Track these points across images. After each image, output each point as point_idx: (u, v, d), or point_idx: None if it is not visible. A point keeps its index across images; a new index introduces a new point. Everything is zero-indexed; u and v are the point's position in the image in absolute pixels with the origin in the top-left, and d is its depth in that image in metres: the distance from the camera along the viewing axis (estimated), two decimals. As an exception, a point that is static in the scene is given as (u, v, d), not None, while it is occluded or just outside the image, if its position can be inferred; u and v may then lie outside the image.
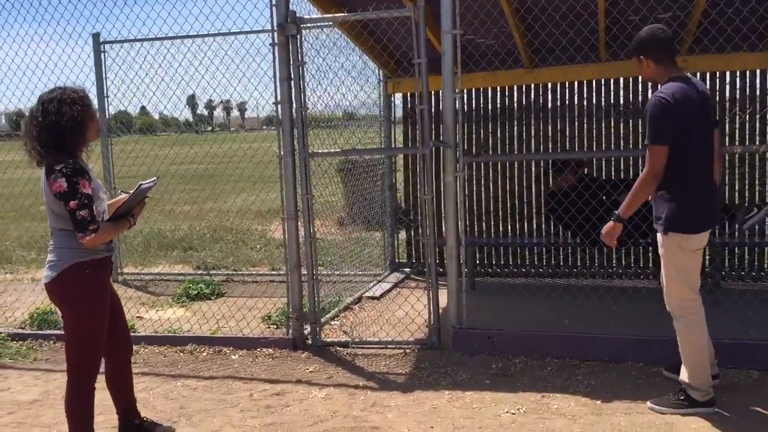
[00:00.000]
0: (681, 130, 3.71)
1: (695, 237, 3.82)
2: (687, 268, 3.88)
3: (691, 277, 3.90)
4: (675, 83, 3.76)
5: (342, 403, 4.29)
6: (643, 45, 3.85)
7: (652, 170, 3.74)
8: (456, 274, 5.09)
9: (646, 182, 3.77)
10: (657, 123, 3.70)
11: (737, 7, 5.06)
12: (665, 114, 3.68)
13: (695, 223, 3.81)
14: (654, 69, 3.85)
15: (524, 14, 5.81)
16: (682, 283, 3.89)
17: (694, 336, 3.90)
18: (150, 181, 3.59)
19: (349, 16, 5.48)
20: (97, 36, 7.74)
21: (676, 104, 3.68)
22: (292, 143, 5.22)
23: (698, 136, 3.77)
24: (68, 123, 3.33)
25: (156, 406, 4.34)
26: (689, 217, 3.79)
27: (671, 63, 3.86)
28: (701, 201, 3.83)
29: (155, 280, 8.03)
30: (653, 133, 3.72)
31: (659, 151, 3.71)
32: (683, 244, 3.82)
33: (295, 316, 5.32)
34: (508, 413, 4.03)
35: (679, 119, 3.69)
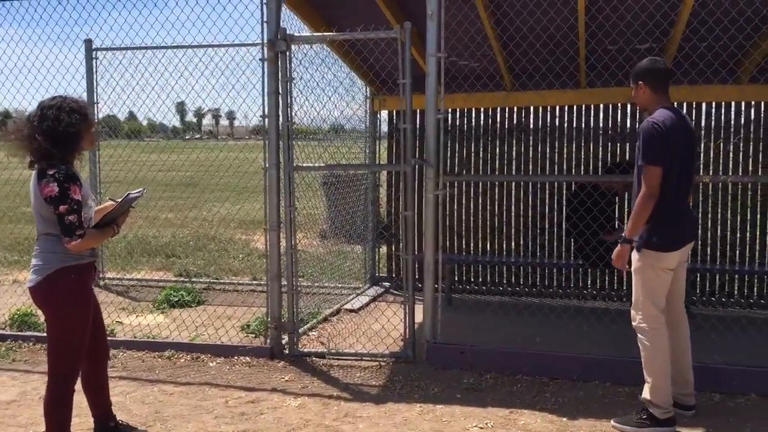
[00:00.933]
0: (670, 156, 3.94)
1: (667, 256, 4.03)
2: (655, 286, 4.07)
3: (657, 295, 4.08)
4: (666, 111, 4.01)
5: (315, 412, 4.38)
6: (642, 73, 4.11)
7: (649, 190, 3.94)
8: (432, 289, 5.21)
9: (645, 202, 3.96)
10: (651, 145, 3.93)
11: (710, 42, 5.26)
12: (657, 138, 3.91)
13: (668, 243, 4.02)
14: (649, 96, 4.11)
15: (506, 40, 5.98)
16: (648, 300, 4.07)
17: (654, 351, 4.06)
18: (138, 192, 3.70)
19: (338, 36, 5.62)
20: (90, 42, 7.82)
21: (667, 131, 3.92)
22: (277, 156, 5.34)
23: (680, 164, 4.00)
24: (65, 130, 3.42)
25: (132, 410, 4.41)
26: (663, 237, 3.99)
27: (664, 93, 4.12)
28: (676, 223, 4.03)
29: (137, 286, 8.09)
30: (648, 155, 3.94)
31: (655, 172, 3.93)
32: (655, 262, 4.02)
33: (274, 325, 5.42)
34: (476, 427, 4.14)
35: (667, 145, 3.92)
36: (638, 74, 4.13)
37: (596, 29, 5.56)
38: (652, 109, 4.09)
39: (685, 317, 4.31)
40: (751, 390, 4.56)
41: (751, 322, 5.53)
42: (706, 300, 6.92)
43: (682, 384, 4.26)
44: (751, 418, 4.22)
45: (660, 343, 4.06)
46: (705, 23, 5.12)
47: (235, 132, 40.74)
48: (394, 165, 7.46)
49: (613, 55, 5.64)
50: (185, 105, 16.45)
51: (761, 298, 6.84)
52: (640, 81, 4.12)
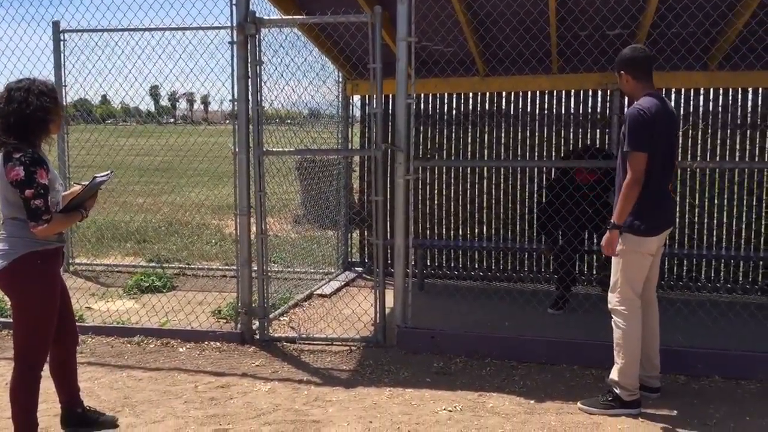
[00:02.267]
0: (655, 142, 4.00)
1: (649, 240, 4.10)
2: (635, 271, 4.14)
3: (636, 279, 4.16)
4: (651, 98, 4.06)
5: (285, 396, 4.39)
6: (623, 63, 4.15)
7: (635, 175, 3.99)
8: (403, 274, 5.23)
9: (631, 187, 4.01)
10: (636, 132, 3.98)
11: (677, 29, 5.32)
12: (644, 124, 3.97)
13: (651, 228, 4.09)
14: (633, 84, 4.15)
15: (477, 25, 5.99)
16: (627, 284, 4.14)
17: (628, 334, 4.13)
18: (104, 174, 3.65)
19: (308, 19, 5.58)
20: (57, 24, 7.68)
21: (652, 117, 3.98)
22: (247, 140, 5.31)
23: (663, 150, 4.07)
24: (33, 113, 3.38)
25: (100, 395, 4.38)
26: (647, 221, 4.06)
27: (648, 80, 4.16)
28: (658, 208, 4.11)
29: (107, 271, 8.02)
30: (634, 141, 3.99)
31: (640, 158, 3.98)
32: (637, 246, 4.09)
33: (244, 310, 5.41)
34: (445, 410, 4.18)
35: (652, 131, 3.98)
36: (619, 64, 4.17)
37: (566, 15, 5.59)
38: (638, 96, 4.15)
39: (656, 302, 4.38)
40: (715, 372, 4.66)
41: (715, 306, 5.63)
42: (672, 284, 7.03)
43: (649, 367, 4.33)
44: (714, 400, 4.31)
45: (634, 327, 4.13)
46: (673, 9, 5.16)
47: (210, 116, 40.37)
48: (364, 150, 7.46)
49: (582, 41, 5.67)
50: (159, 89, 16.24)
51: (726, 283, 6.97)
52: (621, 71, 4.16)
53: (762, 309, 5.64)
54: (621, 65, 4.16)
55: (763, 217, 6.89)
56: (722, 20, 5.52)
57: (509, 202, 7.40)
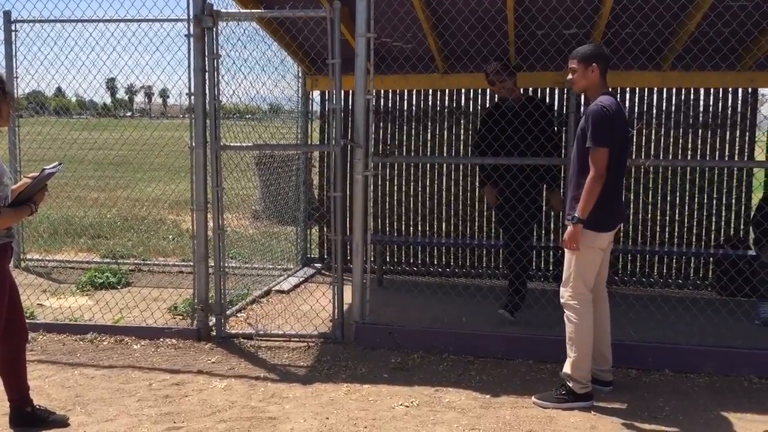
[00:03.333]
0: (613, 139, 4.08)
1: (602, 236, 4.19)
2: (588, 266, 4.21)
3: (589, 274, 4.23)
4: (610, 97, 4.15)
5: (241, 393, 4.36)
6: (596, 55, 4.20)
7: (598, 171, 4.06)
8: (361, 270, 5.23)
9: (595, 182, 4.07)
10: (600, 128, 4.05)
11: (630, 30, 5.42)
12: (607, 121, 4.05)
13: (605, 223, 4.18)
14: (597, 80, 4.20)
15: (436, 22, 6.01)
16: (579, 279, 4.21)
17: (580, 328, 4.20)
18: (53, 166, 3.57)
19: (266, 13, 5.54)
20: (8, 14, 7.50)
21: (613, 115, 4.07)
22: (204, 135, 5.25)
23: (619, 148, 4.15)
24: None
25: (51, 394, 4.29)
26: (600, 217, 4.13)
27: (605, 79, 4.25)
28: (612, 204, 4.18)
29: (60, 267, 7.86)
30: (597, 137, 4.05)
31: (603, 153, 4.06)
32: (590, 241, 4.16)
33: (201, 307, 5.35)
34: (401, 406, 4.19)
35: (612, 128, 4.06)
36: (592, 56, 4.19)
37: (523, 13, 5.65)
38: (594, 93, 4.21)
39: (606, 297, 4.46)
40: (665, 366, 4.77)
41: (666, 301, 5.76)
42: (625, 280, 7.16)
43: (601, 361, 4.41)
44: (664, 393, 4.41)
45: (586, 321, 4.20)
46: (627, 10, 5.25)
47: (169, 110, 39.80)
48: (322, 146, 7.43)
49: (539, 40, 5.74)
50: (115, 82, 16.00)
51: (677, 278, 7.13)
52: (594, 63, 4.18)
53: (711, 304, 5.79)
54: (594, 58, 4.18)
55: (713, 214, 7.06)
56: (675, 21, 5.64)
57: (467, 198, 7.46)
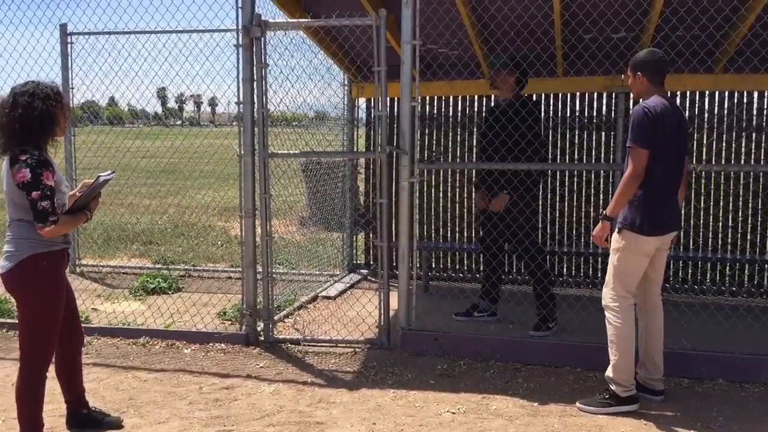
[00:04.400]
0: (659, 142, 4.02)
1: (646, 240, 4.11)
2: (629, 269, 4.16)
3: (630, 277, 4.17)
4: (659, 99, 4.11)
5: (289, 398, 4.41)
6: (641, 64, 4.17)
7: (634, 171, 4.03)
8: (407, 276, 5.25)
9: (629, 182, 4.04)
10: (639, 128, 4.02)
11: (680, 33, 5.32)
12: (647, 122, 4.00)
13: (649, 227, 4.10)
14: (646, 86, 4.17)
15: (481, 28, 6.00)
16: (619, 281, 4.16)
17: (620, 331, 4.16)
18: (107, 174, 3.68)
19: (313, 22, 5.61)
20: (65, 27, 7.73)
21: (656, 116, 4.01)
22: (252, 143, 5.33)
23: (668, 153, 4.09)
24: (38, 117, 3.41)
25: (105, 396, 4.41)
26: (644, 220, 4.08)
27: (660, 85, 4.20)
28: (658, 209, 4.11)
29: (113, 273, 8.06)
30: (636, 137, 4.03)
31: (641, 154, 4.02)
32: (633, 245, 4.11)
33: (249, 312, 5.43)
34: (448, 412, 4.19)
35: (655, 130, 4.01)
36: (637, 65, 4.18)
37: (570, 18, 5.60)
38: (646, 98, 4.18)
39: (660, 304, 4.39)
40: (719, 375, 4.66)
41: (719, 309, 5.62)
42: (677, 287, 7.02)
43: (652, 369, 4.34)
44: (717, 403, 4.31)
45: (626, 324, 4.15)
46: (677, 13, 5.17)
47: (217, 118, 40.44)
48: (368, 152, 7.47)
49: (587, 45, 5.68)
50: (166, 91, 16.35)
51: (731, 286, 6.96)
52: (638, 72, 4.17)
53: (766, 312, 5.63)
54: (638, 67, 4.17)
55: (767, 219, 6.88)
56: (726, 23, 5.52)
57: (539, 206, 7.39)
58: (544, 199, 7.31)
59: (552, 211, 7.32)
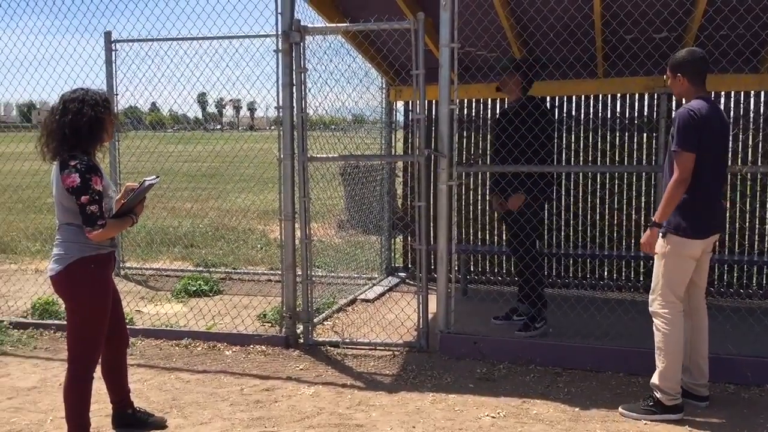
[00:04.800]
0: (704, 144, 3.96)
1: (692, 243, 4.05)
2: (676, 274, 4.09)
3: (678, 282, 4.10)
4: (702, 101, 4.04)
5: (329, 400, 4.44)
6: (681, 65, 4.10)
7: (681, 175, 3.96)
8: (445, 279, 5.24)
9: (676, 187, 3.97)
10: (685, 132, 3.96)
11: (724, 32, 5.22)
12: (693, 125, 3.94)
13: (695, 231, 4.04)
14: (687, 87, 4.11)
15: (520, 30, 5.97)
16: (667, 286, 4.09)
17: (668, 338, 4.08)
18: (152, 178, 3.75)
19: (352, 27, 5.64)
20: (109, 34, 7.89)
21: (702, 119, 3.95)
22: (291, 147, 5.38)
23: (713, 154, 4.03)
24: (87, 123, 3.50)
25: (149, 396, 4.49)
26: (691, 224, 4.02)
27: (701, 84, 4.13)
28: (705, 211, 4.06)
29: (156, 275, 8.20)
30: (682, 141, 3.96)
31: (688, 158, 3.95)
32: (680, 249, 4.04)
33: (289, 315, 5.48)
34: (488, 416, 4.17)
35: (701, 133, 3.95)
36: (677, 66, 4.12)
37: (611, 19, 5.54)
38: (689, 98, 4.12)
39: (705, 308, 4.31)
40: (766, 381, 4.55)
41: (765, 313, 5.49)
42: (722, 291, 6.88)
43: (697, 374, 4.27)
44: (764, 410, 4.22)
45: (675, 330, 4.08)
46: (721, 12, 5.08)
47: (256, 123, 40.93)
48: (407, 155, 7.49)
49: (628, 45, 5.61)
50: (207, 96, 16.61)
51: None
52: (678, 73, 4.11)
53: (816, 317, 5.48)
54: (678, 67, 4.11)
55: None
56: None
57: (552, 207, 7.34)
58: (583, 202, 7.25)
59: (592, 213, 7.24)
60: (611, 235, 7.21)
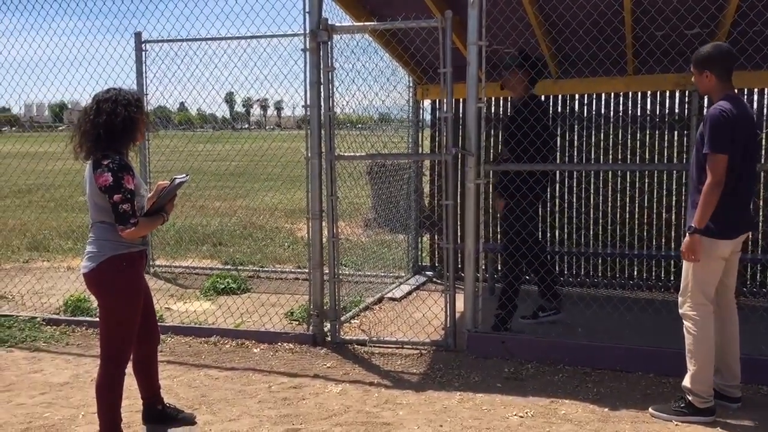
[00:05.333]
0: (734, 143, 3.88)
1: (722, 244, 3.98)
2: (706, 275, 4.02)
3: (707, 284, 4.03)
4: (732, 100, 3.95)
5: (356, 398, 4.45)
6: (708, 60, 4.00)
7: (716, 178, 3.87)
8: (473, 278, 5.22)
9: (711, 191, 3.88)
10: (718, 133, 3.86)
11: (758, 28, 5.12)
12: (725, 126, 3.85)
13: (725, 231, 3.97)
14: (714, 84, 4.01)
15: (549, 27, 5.92)
16: (697, 288, 4.02)
17: (699, 340, 4.01)
18: (182, 177, 3.79)
19: (379, 25, 5.64)
20: (139, 35, 7.99)
21: (734, 119, 3.86)
22: (319, 146, 5.40)
23: (746, 153, 3.95)
24: (121, 123, 3.54)
25: (179, 393, 4.54)
26: (720, 224, 3.94)
27: (728, 80, 4.03)
28: (736, 212, 3.98)
29: (185, 273, 8.28)
30: (714, 143, 3.86)
31: (721, 160, 3.86)
32: (709, 249, 3.97)
33: (316, 313, 5.50)
34: (516, 416, 4.15)
35: (733, 133, 3.87)
36: (704, 62, 4.01)
37: (642, 15, 5.47)
38: (716, 96, 4.02)
39: (735, 308, 4.24)
40: (800, 383, 4.46)
41: (801, 314, 5.40)
42: (755, 291, 6.76)
43: (728, 376, 4.20)
44: (799, 412, 4.14)
45: (706, 333, 4.01)
46: (755, 7, 4.98)
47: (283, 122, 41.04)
48: (434, 154, 7.47)
49: (659, 42, 5.54)
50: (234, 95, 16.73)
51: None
52: (706, 70, 4.01)
53: None
54: (705, 63, 4.01)
55: None
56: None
57: (581, 206, 7.28)
58: (613, 201, 7.17)
59: (622, 212, 7.16)
60: (641, 234, 7.12)
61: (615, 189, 7.16)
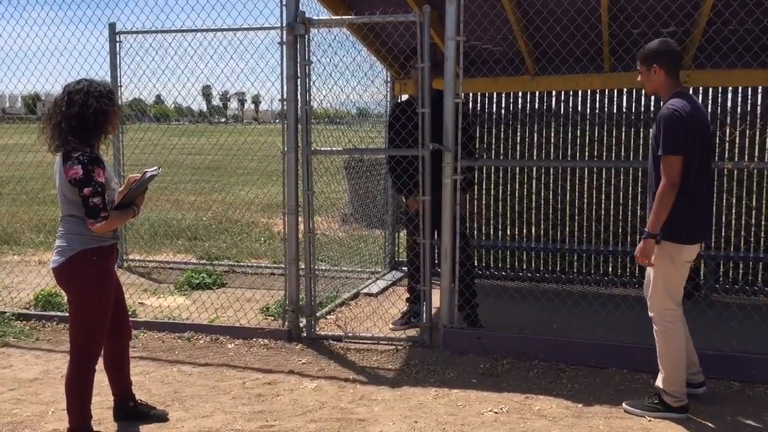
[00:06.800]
0: (689, 143, 3.81)
1: (688, 248, 3.95)
2: (673, 279, 4.01)
3: (674, 288, 4.02)
4: (683, 98, 3.87)
5: (331, 394, 4.43)
6: (657, 55, 3.92)
7: (670, 180, 3.79)
8: (449, 274, 5.21)
9: (666, 194, 3.80)
10: (671, 134, 3.78)
11: (733, 27, 5.18)
12: (679, 126, 3.77)
13: (690, 234, 3.93)
14: (663, 80, 3.93)
15: (526, 24, 5.92)
16: (664, 293, 4.01)
17: (670, 344, 4.03)
18: (154, 169, 3.73)
19: (357, 19, 5.61)
20: (113, 26, 7.88)
21: (687, 118, 3.78)
22: (296, 140, 5.36)
23: (701, 153, 3.88)
24: (92, 115, 3.48)
25: (151, 389, 4.48)
26: (685, 228, 3.90)
27: (677, 77, 3.97)
28: (697, 214, 3.94)
29: (159, 268, 8.19)
30: (668, 144, 3.79)
31: (675, 161, 3.79)
32: (675, 255, 3.94)
33: (292, 308, 5.46)
34: (491, 412, 4.15)
35: (687, 133, 3.79)
36: (653, 56, 3.92)
37: (618, 12, 5.49)
38: (666, 94, 3.95)
39: None
40: (771, 379, 4.52)
41: (772, 311, 5.47)
42: (727, 288, 6.84)
43: (689, 364, 4.18)
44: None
45: (677, 336, 4.03)
46: (730, 6, 5.03)
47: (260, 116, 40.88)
48: (411, 149, 7.43)
49: (635, 39, 5.57)
50: (211, 89, 16.57)
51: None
52: (654, 64, 3.92)
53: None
54: (653, 57, 3.91)
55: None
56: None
57: (558, 202, 7.31)
58: (588, 198, 7.21)
59: (597, 209, 7.20)
60: (617, 230, 7.17)
61: (591, 186, 7.21)
